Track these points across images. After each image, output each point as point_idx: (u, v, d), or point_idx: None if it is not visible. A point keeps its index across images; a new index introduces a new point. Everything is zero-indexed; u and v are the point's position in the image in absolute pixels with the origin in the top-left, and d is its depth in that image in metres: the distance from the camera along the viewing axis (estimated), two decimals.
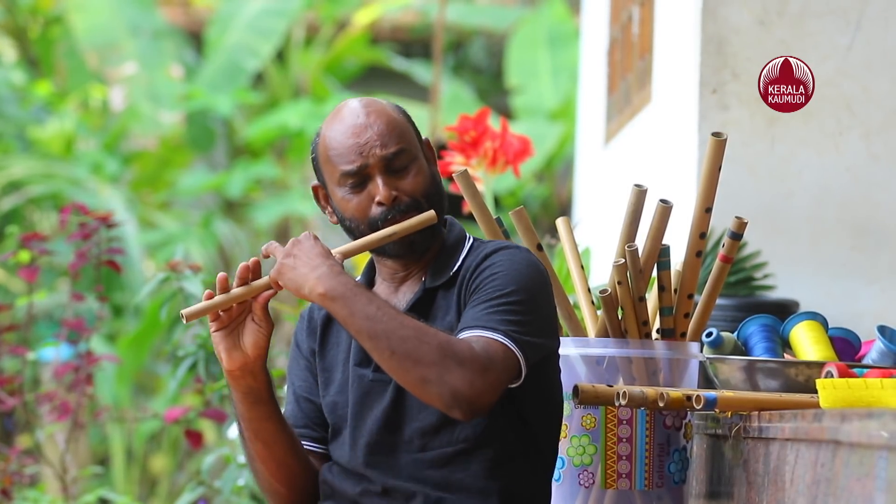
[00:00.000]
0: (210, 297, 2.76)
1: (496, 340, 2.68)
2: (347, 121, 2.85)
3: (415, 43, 12.45)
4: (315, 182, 2.92)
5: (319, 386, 2.95)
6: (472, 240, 2.93)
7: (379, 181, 2.82)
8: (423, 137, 2.93)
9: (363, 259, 4.97)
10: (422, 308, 2.84)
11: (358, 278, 2.90)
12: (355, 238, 2.85)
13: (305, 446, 2.96)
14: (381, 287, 2.93)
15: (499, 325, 2.70)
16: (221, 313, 2.77)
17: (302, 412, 2.98)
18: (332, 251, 2.75)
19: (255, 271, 2.77)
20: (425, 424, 2.81)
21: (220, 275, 2.75)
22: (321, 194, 2.92)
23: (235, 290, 2.76)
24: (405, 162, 2.84)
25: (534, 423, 2.85)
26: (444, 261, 2.88)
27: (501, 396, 2.78)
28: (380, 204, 2.82)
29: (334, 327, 2.96)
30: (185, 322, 2.76)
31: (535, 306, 2.76)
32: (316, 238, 2.74)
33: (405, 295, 2.89)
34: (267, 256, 2.77)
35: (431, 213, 2.82)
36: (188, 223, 10.25)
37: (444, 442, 2.81)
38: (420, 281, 2.89)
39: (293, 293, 2.72)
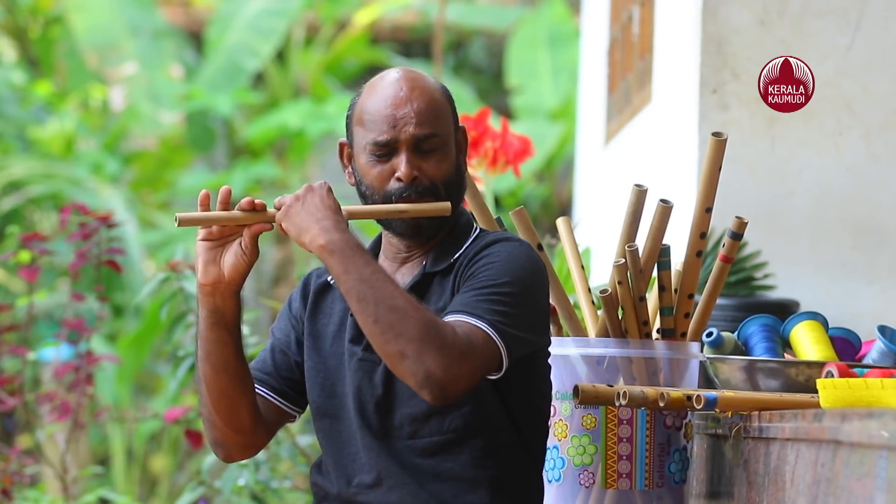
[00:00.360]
0: (206, 200, 2.74)
1: (479, 328, 2.67)
2: (389, 90, 2.84)
3: (415, 43, 12.45)
4: (343, 139, 2.91)
5: (305, 350, 2.93)
6: (478, 230, 2.92)
7: (403, 157, 2.81)
8: (460, 125, 2.91)
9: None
10: (419, 291, 2.83)
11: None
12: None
13: (263, 394, 2.92)
14: (383, 264, 2.92)
15: (485, 314, 2.68)
16: (214, 227, 2.76)
17: (272, 361, 2.95)
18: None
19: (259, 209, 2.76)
20: (415, 411, 2.80)
21: (225, 187, 2.74)
22: (346, 153, 2.91)
23: (236, 212, 2.74)
24: (435, 145, 2.83)
25: (519, 417, 2.84)
26: (448, 247, 2.87)
27: (488, 388, 2.78)
28: (399, 180, 2.81)
29: (328, 298, 2.94)
30: (176, 224, 2.75)
31: (526, 300, 2.75)
32: (330, 190, 2.73)
33: (405, 276, 2.88)
34: (278, 208, 2.75)
35: (447, 204, 2.82)
36: None
37: (434, 430, 2.80)
38: (421, 264, 2.88)
39: (293, 238, 2.70)
